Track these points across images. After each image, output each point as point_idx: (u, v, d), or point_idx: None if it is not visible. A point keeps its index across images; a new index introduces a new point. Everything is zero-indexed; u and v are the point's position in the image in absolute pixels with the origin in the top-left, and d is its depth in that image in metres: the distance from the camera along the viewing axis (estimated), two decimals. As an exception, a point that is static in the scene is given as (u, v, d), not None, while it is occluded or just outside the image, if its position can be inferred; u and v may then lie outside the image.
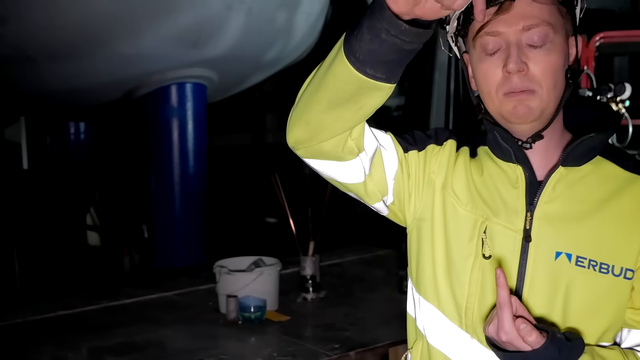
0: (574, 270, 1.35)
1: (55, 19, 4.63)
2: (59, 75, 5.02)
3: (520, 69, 1.28)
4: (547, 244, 1.37)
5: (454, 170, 1.49)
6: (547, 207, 1.38)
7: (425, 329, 1.52)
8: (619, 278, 1.34)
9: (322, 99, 1.32)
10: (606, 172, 1.40)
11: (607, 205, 1.37)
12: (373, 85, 1.25)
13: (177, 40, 4.80)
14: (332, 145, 1.38)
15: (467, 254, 1.43)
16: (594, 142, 1.37)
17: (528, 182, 1.40)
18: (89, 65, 4.93)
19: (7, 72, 4.99)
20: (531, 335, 1.21)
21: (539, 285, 1.37)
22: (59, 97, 5.41)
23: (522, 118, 1.31)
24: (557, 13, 1.33)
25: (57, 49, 4.78)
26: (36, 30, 4.65)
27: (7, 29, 4.62)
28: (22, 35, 4.66)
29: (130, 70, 5.02)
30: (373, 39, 1.19)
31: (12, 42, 4.68)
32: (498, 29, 1.30)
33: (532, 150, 1.39)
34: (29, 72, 4.92)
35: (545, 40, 1.30)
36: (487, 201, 1.43)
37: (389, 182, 1.49)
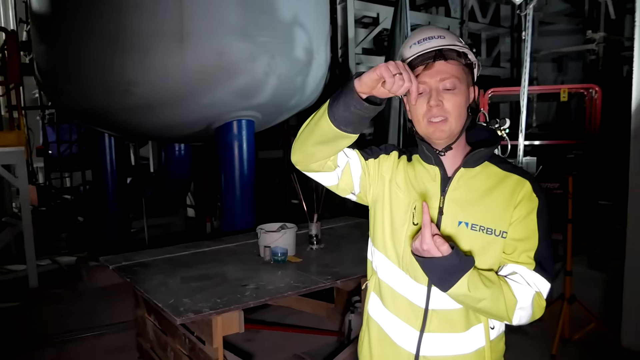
0: (469, 232, 1.39)
1: (165, 81, 4.66)
2: (167, 116, 5.05)
3: (437, 104, 1.34)
4: (453, 216, 1.41)
5: (397, 170, 1.52)
6: (453, 193, 1.42)
7: (377, 268, 1.55)
8: (498, 237, 1.39)
9: (313, 139, 1.38)
10: (490, 171, 1.43)
11: (490, 193, 1.40)
12: (345, 135, 1.32)
13: (236, 93, 4.83)
14: (317, 165, 1.45)
15: (403, 222, 1.47)
16: (482, 153, 1.41)
17: (442, 177, 1.43)
18: (185, 109, 4.95)
19: (136, 116, 5.01)
20: (444, 245, 1.25)
21: (448, 241, 1.38)
22: (167, 129, 5.44)
23: (438, 138, 1.38)
24: (462, 70, 1.38)
25: (167, 100, 4.82)
26: (153, 88, 4.69)
27: (136, 88, 4.66)
28: (145, 92, 4.70)
29: (209, 112, 5.03)
30: (346, 110, 1.27)
31: (139, 97, 4.72)
32: (424, 80, 1.36)
33: (445, 157, 1.43)
34: (149, 115, 4.96)
35: (454, 86, 1.35)
36: (416, 189, 1.47)
37: (355, 182, 1.54)
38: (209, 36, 4.61)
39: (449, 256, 1.26)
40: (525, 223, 1.37)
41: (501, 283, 1.34)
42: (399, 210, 1.47)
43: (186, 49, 4.54)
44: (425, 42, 1.36)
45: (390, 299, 1.49)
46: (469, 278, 1.28)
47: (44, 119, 9.93)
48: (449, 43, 1.36)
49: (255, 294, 2.64)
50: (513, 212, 1.37)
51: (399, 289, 1.47)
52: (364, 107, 1.25)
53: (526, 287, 1.35)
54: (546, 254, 1.39)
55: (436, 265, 1.27)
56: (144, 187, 7.35)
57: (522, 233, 1.37)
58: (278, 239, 3.32)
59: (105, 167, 6.10)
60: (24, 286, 5.56)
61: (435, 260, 1.26)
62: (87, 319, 4.61)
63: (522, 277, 1.36)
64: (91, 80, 4.75)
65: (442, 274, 1.29)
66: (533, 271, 1.36)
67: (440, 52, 1.35)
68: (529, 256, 1.37)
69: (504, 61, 9.76)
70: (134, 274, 3.05)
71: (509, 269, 1.39)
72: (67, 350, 4.06)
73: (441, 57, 1.35)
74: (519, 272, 1.37)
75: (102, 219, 6.22)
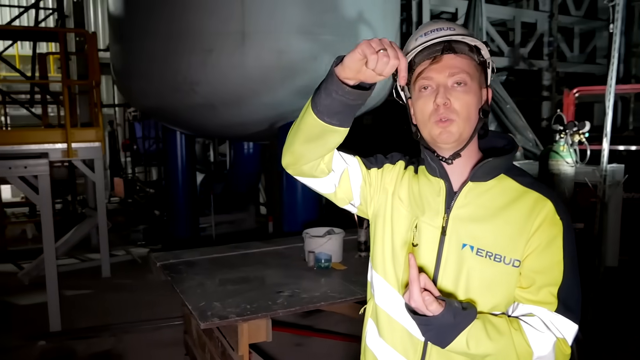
0: (474, 258, 1.20)
1: (226, 80, 4.70)
2: (231, 115, 5.10)
3: (445, 102, 1.16)
4: (457, 237, 1.23)
5: (401, 182, 1.36)
6: (459, 210, 1.23)
7: (374, 292, 1.39)
8: (508, 266, 1.19)
9: (300, 137, 1.24)
10: (506, 186, 1.23)
11: (504, 211, 1.21)
12: (331, 129, 1.18)
13: (297, 93, 4.75)
14: (308, 168, 1.31)
15: (404, 242, 1.31)
16: (494, 164, 1.22)
17: (447, 192, 1.25)
18: (247, 109, 4.98)
19: (201, 115, 5.10)
20: (432, 305, 1.10)
21: (450, 267, 1.23)
22: (230, 128, 5.50)
23: (445, 140, 1.19)
24: (474, 67, 1.21)
25: (229, 99, 4.87)
26: (216, 88, 4.76)
27: (200, 88, 4.74)
28: (208, 92, 4.77)
29: (270, 112, 5.03)
30: (327, 97, 1.13)
31: (202, 96, 4.81)
32: (431, 75, 1.19)
33: (452, 168, 1.24)
34: (213, 114, 5.03)
35: (465, 82, 1.17)
36: (419, 204, 1.30)
37: (355, 191, 1.39)
38: (270, 35, 4.59)
39: (440, 316, 1.10)
40: (548, 252, 1.16)
41: (512, 331, 1.14)
42: (400, 227, 1.32)
43: (247, 48, 4.55)
44: (432, 33, 1.20)
45: (388, 328, 1.34)
46: (468, 335, 1.12)
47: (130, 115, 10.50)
48: (461, 33, 1.19)
49: (287, 302, 2.56)
50: (531, 237, 1.17)
51: (398, 317, 1.31)
52: (346, 92, 1.10)
53: (545, 334, 1.15)
54: (572, 289, 1.17)
55: (427, 323, 1.13)
56: (214, 184, 7.51)
57: (543, 264, 1.16)
58: (323, 245, 3.23)
59: (176, 164, 6.29)
60: (98, 275, 5.88)
61: (426, 319, 1.12)
62: (150, 311, 4.77)
63: (540, 321, 1.16)
64: (158, 79, 4.90)
65: (436, 332, 1.14)
66: (555, 313, 1.15)
67: (450, 43, 1.18)
68: (551, 292, 1.16)
69: (601, 57, 9.04)
70: (177, 273, 3.08)
71: (525, 309, 1.19)
72: (124, 340, 4.22)
73: (450, 49, 1.18)
74: (537, 314, 1.17)
75: (171, 214, 6.43)
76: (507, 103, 5.51)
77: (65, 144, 5.37)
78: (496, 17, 7.95)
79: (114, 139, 11.61)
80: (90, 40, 5.83)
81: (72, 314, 4.73)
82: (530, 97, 8.41)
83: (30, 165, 4.16)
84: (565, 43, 8.72)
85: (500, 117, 5.45)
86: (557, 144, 4.18)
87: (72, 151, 5.40)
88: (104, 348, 4.10)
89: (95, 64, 5.75)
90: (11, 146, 5.06)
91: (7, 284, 5.65)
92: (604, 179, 4.18)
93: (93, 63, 5.74)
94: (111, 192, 11.91)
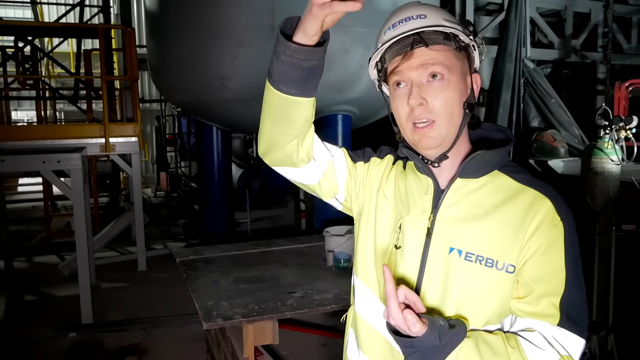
0: (463, 264, 1.07)
1: (257, 76, 4.59)
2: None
3: (420, 102, 1.03)
4: (444, 240, 1.09)
5: (387, 178, 1.24)
6: (447, 210, 1.10)
7: (355, 299, 1.27)
8: (501, 272, 1.05)
9: (265, 117, 1.16)
10: (501, 183, 1.10)
11: (498, 210, 1.07)
12: (291, 100, 1.07)
13: (329, 87, 4.65)
14: (286, 156, 1.19)
15: (387, 244, 1.18)
16: (484, 158, 1.09)
17: (435, 190, 1.12)
18: (278, 104, 4.89)
19: (232, 110, 5.07)
20: (415, 325, 0.95)
21: (435, 274, 1.09)
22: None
23: (426, 147, 1.07)
24: (452, 57, 1.06)
25: (259, 94, 4.75)
26: (247, 82, 4.71)
27: (230, 82, 4.71)
28: (238, 86, 4.74)
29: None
30: (277, 61, 1.03)
31: (233, 91, 4.78)
32: (402, 70, 1.05)
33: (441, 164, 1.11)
34: (244, 108, 4.98)
35: (441, 76, 1.03)
36: (404, 203, 1.18)
37: (340, 185, 1.27)
38: (300, 28, 4.50)
39: (423, 337, 0.96)
40: (547, 257, 1.03)
41: (509, 351, 1.01)
42: (383, 227, 1.19)
43: (277, 42, 4.48)
44: (400, 25, 1.06)
45: (367, 339, 1.21)
46: (457, 357, 0.99)
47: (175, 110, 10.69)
48: (432, 24, 1.04)
49: (296, 304, 2.47)
50: (528, 241, 1.03)
51: (378, 326, 1.19)
52: (294, 50, 0.99)
53: (548, 352, 1.01)
54: (577, 299, 1.04)
55: (410, 345, 0.98)
56: (252, 179, 7.51)
57: (542, 271, 1.03)
58: (343, 244, 3.11)
59: (212, 159, 6.30)
60: (135, 268, 5.99)
61: (409, 341, 0.98)
62: (181, 305, 4.79)
63: (541, 337, 1.02)
64: (190, 75, 4.90)
65: (420, 355, 0.99)
66: (558, 327, 1.02)
67: (419, 35, 1.04)
68: (552, 303, 1.02)
69: (661, 48, 8.47)
70: (194, 269, 3.04)
71: (524, 324, 1.05)
72: (153, 334, 4.25)
73: (421, 42, 1.03)
74: (537, 329, 1.03)
75: (206, 209, 6.47)
76: (552, 97, 5.21)
77: (103, 139, 5.50)
78: (546, 7, 7.56)
79: (161, 134, 11.87)
80: (129, 36, 5.93)
81: (106, 306, 4.83)
82: (584, 92, 7.97)
83: (64, 159, 4.25)
84: (621, 34, 8.21)
85: (544, 112, 5.16)
86: (601, 140, 3.89)
87: (109, 146, 5.52)
88: (132, 342, 4.15)
89: (134, 59, 5.85)
90: (52, 141, 5.22)
91: (48, 275, 5.84)
92: (652, 177, 3.87)
93: (132, 59, 5.83)
94: (157, 186, 12.22)
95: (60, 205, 9.66)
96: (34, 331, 4.35)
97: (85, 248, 4.46)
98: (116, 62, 9.34)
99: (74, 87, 7.87)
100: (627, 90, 5.60)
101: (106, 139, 5.48)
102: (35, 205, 10.14)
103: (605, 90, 7.78)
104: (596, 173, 4.01)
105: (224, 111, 5.14)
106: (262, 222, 7.83)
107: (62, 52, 11.64)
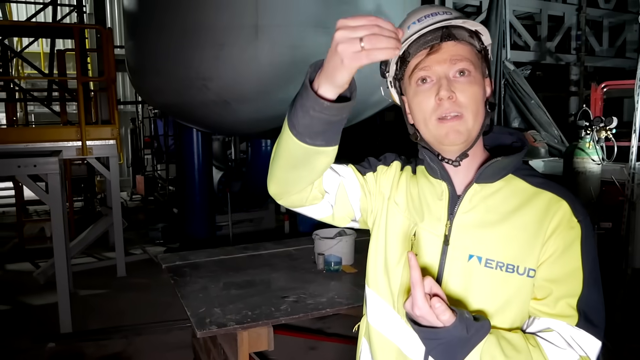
0: (483, 270, 1.05)
1: (240, 77, 4.59)
2: (245, 112, 4.97)
3: (449, 96, 1.00)
4: (462, 247, 1.07)
5: (398, 184, 1.20)
6: (464, 216, 1.08)
7: (367, 309, 1.24)
8: (522, 277, 1.04)
9: (282, 163, 1.09)
10: (515, 187, 1.08)
11: (514, 215, 1.05)
12: (315, 151, 1.01)
13: (312, 89, 4.59)
14: (299, 199, 1.16)
15: (400, 253, 1.15)
16: (502, 164, 1.07)
17: (450, 196, 1.10)
18: (261, 105, 4.84)
19: (214, 112, 5.00)
20: (445, 313, 0.93)
21: (454, 282, 1.07)
22: (246, 125, 5.38)
23: (453, 141, 1.03)
24: (475, 55, 1.05)
25: (242, 95, 4.74)
26: (229, 84, 4.64)
27: (212, 84, 4.64)
28: (220, 87, 4.66)
29: (286, 108, 4.80)
30: (305, 115, 0.95)
31: (215, 92, 4.70)
32: (430, 65, 1.03)
33: (455, 169, 1.09)
34: (226, 110, 4.92)
35: (468, 72, 1.02)
36: (417, 210, 1.14)
37: (354, 206, 1.23)
38: (284, 29, 4.44)
39: (452, 327, 0.93)
40: (565, 259, 1.03)
41: (530, 349, 1.00)
42: (396, 235, 1.16)
43: (260, 42, 4.42)
44: (427, 19, 1.04)
45: (381, 350, 1.19)
46: (482, 351, 0.97)
47: (151, 112, 10.52)
48: (459, 17, 1.04)
49: (290, 309, 2.43)
50: (546, 243, 1.03)
51: (392, 337, 1.16)
52: (324, 108, 0.93)
53: (567, 351, 1.00)
54: (594, 301, 1.03)
55: (435, 337, 0.96)
56: (232, 182, 7.43)
57: (560, 272, 1.03)
58: (333, 247, 3.09)
59: (193, 161, 6.21)
60: (114, 274, 5.85)
61: (434, 332, 0.95)
62: (164, 312, 4.69)
63: (560, 337, 1.01)
64: (170, 76, 4.80)
65: (444, 347, 0.97)
66: (576, 327, 1.01)
67: (449, 29, 1.03)
68: (569, 304, 1.02)
69: (630, 51, 8.69)
70: (181, 276, 2.97)
71: (542, 324, 1.04)
72: (135, 342, 4.14)
73: (450, 36, 1.02)
74: (556, 329, 1.02)
75: (186, 213, 6.37)
76: (532, 98, 5.28)
77: (80, 142, 5.35)
78: (522, 10, 7.67)
79: (136, 137, 11.66)
80: (106, 37, 5.79)
81: (85, 314, 4.70)
82: (558, 93, 8.11)
83: (40, 163, 4.11)
84: (594, 37, 8.39)
85: (524, 113, 5.22)
86: (582, 140, 3.97)
87: (86, 149, 5.37)
88: (114, 350, 4.03)
89: (111, 60, 5.71)
90: (25, 144, 5.06)
91: (22, 283, 5.65)
92: (632, 177, 3.96)
93: (109, 59, 5.70)
94: (133, 189, 12.00)
95: (32, 211, 9.39)
96: (10, 342, 4.19)
97: (64, 254, 4.33)
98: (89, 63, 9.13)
99: (47, 89, 7.65)
100: (602, 91, 5.71)
101: (83, 142, 5.33)
102: (5, 211, 9.86)
103: (579, 92, 7.94)
104: (578, 173, 4.09)
105: (205, 113, 5.06)
106: (242, 225, 7.74)
107: (32, 52, 11.35)
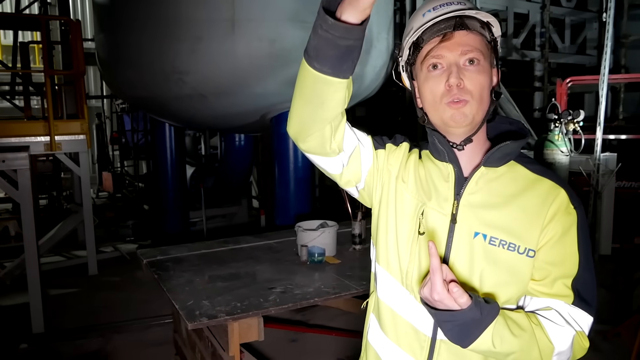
0: (487, 247, 1.12)
1: (216, 71, 4.57)
2: (221, 106, 4.96)
3: (458, 83, 1.07)
4: (468, 225, 1.14)
5: (406, 165, 1.25)
6: (470, 197, 1.15)
7: (377, 285, 1.29)
8: (522, 256, 1.11)
9: (297, 96, 1.13)
10: (517, 173, 1.16)
11: (516, 199, 1.13)
12: (323, 79, 1.05)
13: (289, 83, 4.59)
14: (317, 144, 1.18)
15: (409, 230, 1.20)
16: (509, 149, 1.13)
17: (457, 177, 1.16)
18: (238, 99, 4.83)
19: (190, 105, 4.96)
20: (462, 297, 1.00)
21: (461, 257, 1.13)
22: (221, 119, 5.37)
23: (458, 122, 1.10)
24: (485, 45, 1.11)
25: (218, 89, 4.72)
26: (205, 78, 4.62)
27: (189, 77, 4.60)
28: (197, 81, 4.64)
29: (261, 102, 4.89)
30: (314, 35, 1.01)
31: (191, 86, 4.67)
32: (442, 53, 1.10)
33: (461, 153, 1.16)
34: (202, 104, 4.89)
35: (477, 61, 1.08)
36: (425, 190, 1.20)
37: (363, 174, 1.27)
38: (260, 23, 4.43)
39: (467, 310, 1.01)
40: (563, 243, 1.11)
41: (533, 327, 1.08)
42: (404, 214, 1.21)
43: (237, 36, 4.40)
44: (442, 8, 1.10)
45: (391, 324, 1.24)
46: (493, 331, 1.04)
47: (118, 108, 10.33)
48: (472, 8, 1.10)
49: (279, 299, 2.45)
50: (546, 227, 1.11)
51: (402, 312, 1.21)
52: (330, 26, 0.97)
53: (565, 328, 1.10)
54: (587, 281, 1.13)
55: (452, 319, 1.03)
56: (205, 177, 7.38)
57: (558, 255, 1.11)
58: (316, 238, 3.11)
59: (165, 157, 6.13)
60: (85, 272, 5.73)
61: (451, 314, 1.02)
62: (140, 309, 4.64)
63: (558, 315, 1.11)
64: (145, 69, 4.73)
65: (459, 329, 1.04)
66: (572, 305, 1.11)
67: (462, 19, 1.09)
68: (565, 284, 1.11)
69: (591, 48, 9.03)
70: (164, 270, 2.95)
71: (542, 303, 1.13)
72: (113, 340, 4.08)
73: (463, 25, 1.09)
74: (554, 307, 1.11)
75: (160, 209, 6.29)
76: (501, 93, 5.43)
77: (48, 137, 5.22)
78: (489, 7, 7.83)
79: (102, 132, 11.43)
80: (74, 29, 5.65)
81: (57, 314, 4.59)
82: (523, 88, 8.35)
83: (9, 159, 4.00)
84: (557, 34, 8.66)
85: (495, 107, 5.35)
86: (552, 133, 4.12)
87: (55, 144, 5.25)
88: (92, 349, 3.96)
89: (80, 53, 5.58)
90: (-10, 139, 4.91)
91: (-12, 283, 5.51)
92: (597, 167, 4.13)
93: (77, 52, 5.57)
94: (99, 186, 11.75)
95: (-6, 209, 9.11)
96: (-20, 344, 4.10)
97: (35, 253, 4.22)
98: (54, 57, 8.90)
99: (10, 82, 7.43)
100: (567, 86, 5.92)
101: (51, 137, 5.20)
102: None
103: (543, 87, 8.19)
104: (548, 164, 4.24)
105: (181, 107, 5.01)
106: (215, 220, 7.70)
107: (-10, 45, 11.00)
